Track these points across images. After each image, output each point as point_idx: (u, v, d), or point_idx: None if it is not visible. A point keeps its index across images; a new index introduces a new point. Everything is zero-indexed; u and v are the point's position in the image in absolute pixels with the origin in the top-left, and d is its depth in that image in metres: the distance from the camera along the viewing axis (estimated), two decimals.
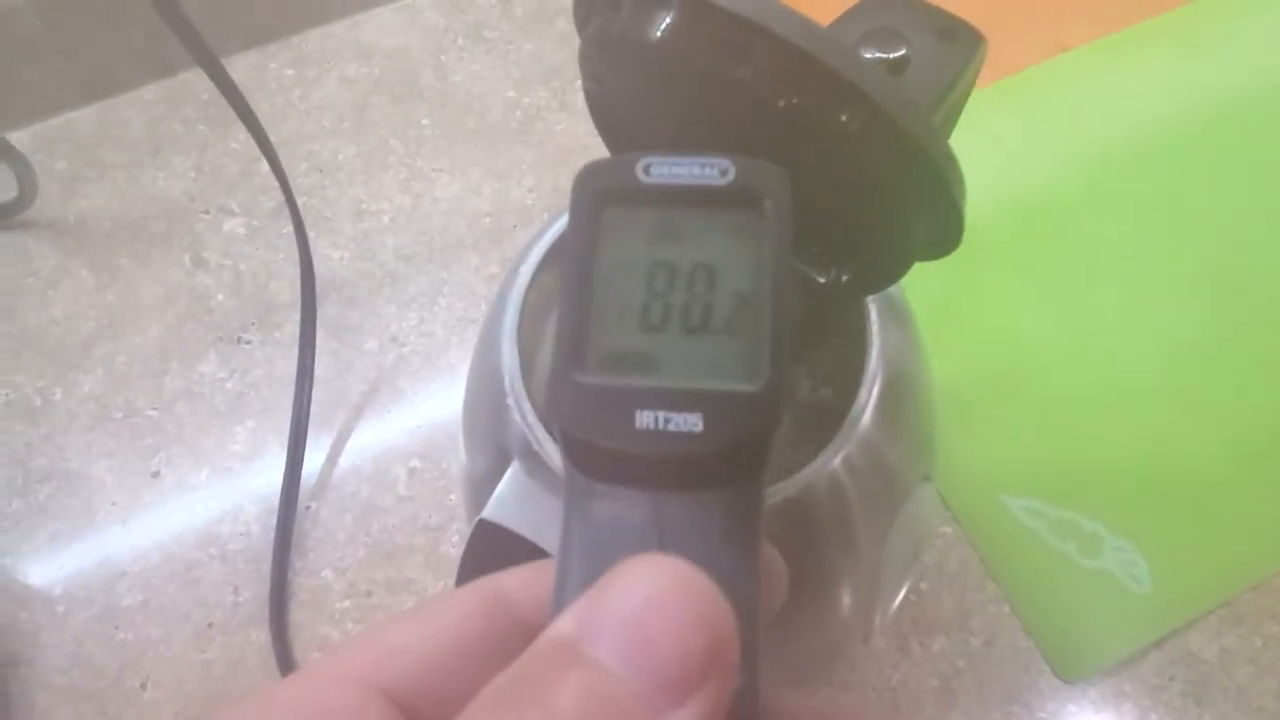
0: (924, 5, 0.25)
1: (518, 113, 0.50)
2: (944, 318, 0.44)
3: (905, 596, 0.39)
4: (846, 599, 0.23)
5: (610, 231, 0.15)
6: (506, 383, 0.21)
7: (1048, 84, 0.50)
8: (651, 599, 0.12)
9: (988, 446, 0.41)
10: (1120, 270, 0.45)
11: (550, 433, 0.21)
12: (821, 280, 0.18)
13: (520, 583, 0.16)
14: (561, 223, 0.24)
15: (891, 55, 0.22)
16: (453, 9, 0.53)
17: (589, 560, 0.14)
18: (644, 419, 0.14)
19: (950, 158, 0.18)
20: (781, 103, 0.16)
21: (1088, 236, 0.46)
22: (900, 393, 0.21)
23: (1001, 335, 0.44)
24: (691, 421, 0.14)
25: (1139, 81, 0.50)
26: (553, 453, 0.20)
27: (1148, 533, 0.39)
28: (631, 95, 0.18)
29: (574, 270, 0.15)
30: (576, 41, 0.54)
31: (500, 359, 0.21)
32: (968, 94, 0.27)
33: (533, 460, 0.21)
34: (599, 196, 0.15)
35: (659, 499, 0.15)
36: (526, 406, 0.21)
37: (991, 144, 0.49)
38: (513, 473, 0.21)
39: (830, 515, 0.20)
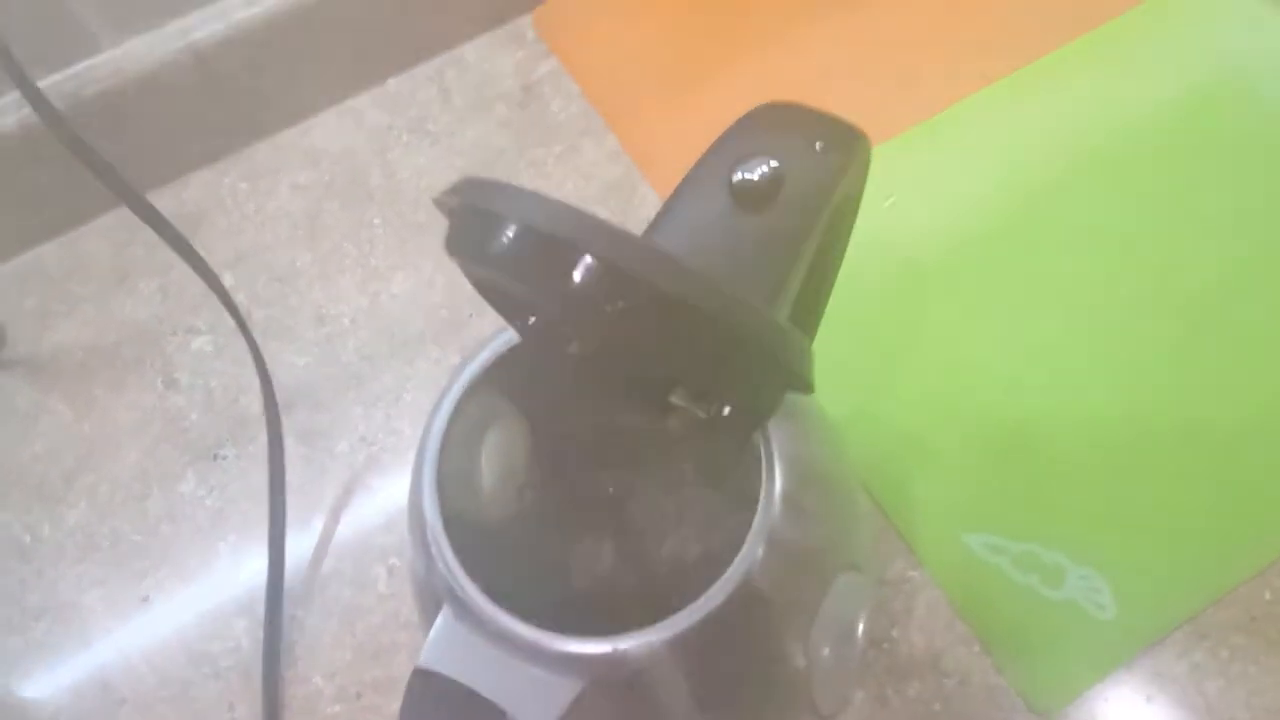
0: (800, 113, 0.26)
1: None
2: (894, 358, 0.45)
3: (879, 646, 0.40)
4: (784, 694, 0.24)
5: None
6: (428, 534, 0.22)
7: (975, 117, 0.51)
8: None
9: (945, 486, 0.42)
10: (1063, 296, 0.46)
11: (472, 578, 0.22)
12: (703, 416, 0.20)
13: None
14: (484, 358, 0.25)
15: (760, 175, 0.24)
16: (394, 107, 0.54)
17: None
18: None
19: (783, 339, 0.19)
20: (612, 308, 0.17)
21: (1028, 265, 0.47)
22: (805, 484, 0.22)
23: (953, 371, 0.45)
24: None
25: (1062, 107, 0.51)
26: (476, 596, 0.22)
27: (1108, 558, 0.40)
28: (500, 285, 0.19)
29: None
30: (516, 124, 0.54)
31: (422, 508, 0.23)
32: (860, 188, 0.29)
33: (459, 605, 0.22)
34: None
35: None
36: (449, 555, 0.22)
37: (925, 182, 0.50)
38: (443, 619, 0.22)
39: (746, 624, 0.21)
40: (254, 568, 0.43)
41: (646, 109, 0.53)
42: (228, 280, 0.44)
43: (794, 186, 0.24)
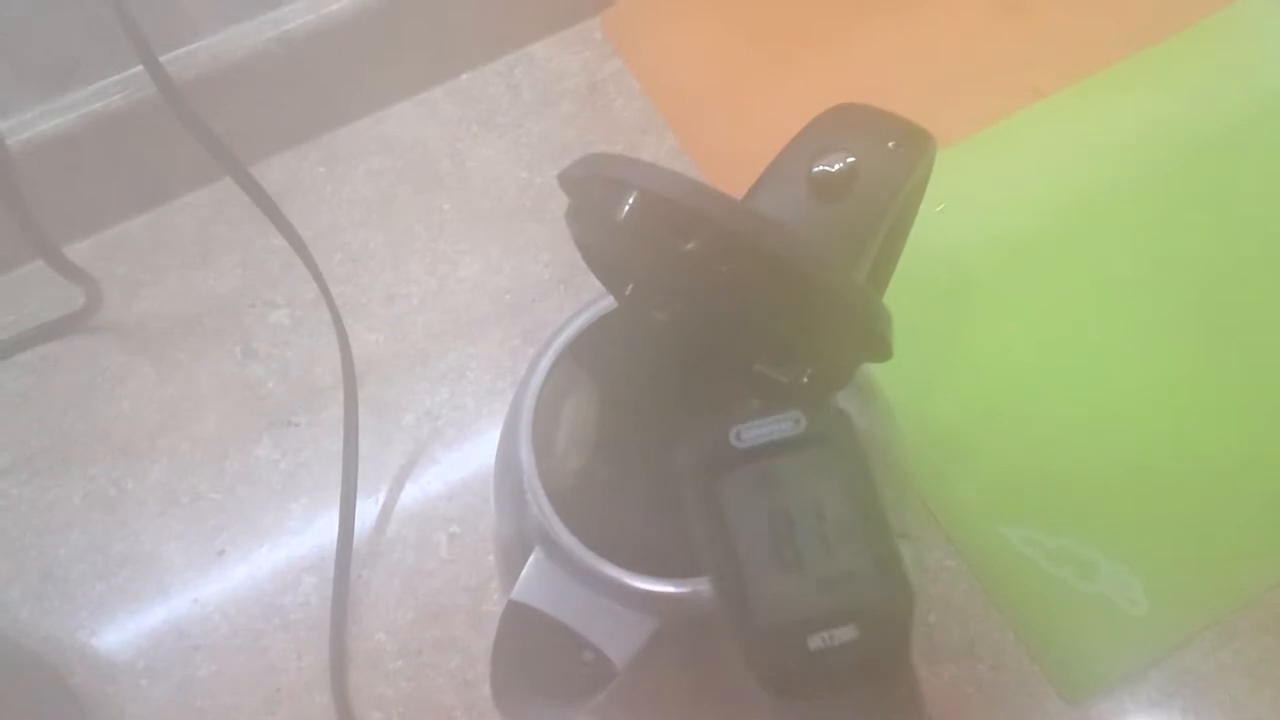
0: (874, 113, 0.28)
1: (530, 192, 0.54)
2: (940, 358, 0.47)
3: (915, 631, 0.41)
4: None
5: (728, 495, 0.19)
6: (525, 481, 0.25)
7: (1027, 130, 0.53)
8: None
9: (985, 479, 0.44)
10: (1106, 306, 0.48)
11: (567, 525, 0.24)
12: (786, 381, 0.22)
13: None
14: (576, 325, 0.27)
15: (839, 167, 0.26)
16: (465, 99, 0.57)
17: None
18: (815, 641, 0.18)
19: (870, 304, 0.21)
20: (723, 269, 0.19)
21: (1073, 273, 0.49)
22: (870, 462, 0.24)
23: (995, 372, 0.47)
24: (850, 632, 0.18)
25: (1112, 123, 0.52)
26: (567, 538, 0.24)
27: (1142, 556, 0.41)
28: (611, 253, 0.21)
29: (711, 538, 0.19)
30: (582, 121, 0.57)
31: (519, 458, 0.25)
32: (923, 188, 0.30)
33: (551, 546, 0.24)
34: (707, 469, 0.19)
35: (842, 699, 0.19)
36: (544, 501, 0.24)
37: (978, 191, 0.52)
38: (535, 557, 0.24)
39: None
40: (323, 528, 0.45)
41: (705, 111, 0.55)
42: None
43: (867, 180, 0.26)
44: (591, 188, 0.20)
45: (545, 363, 0.27)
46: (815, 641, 0.18)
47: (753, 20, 0.58)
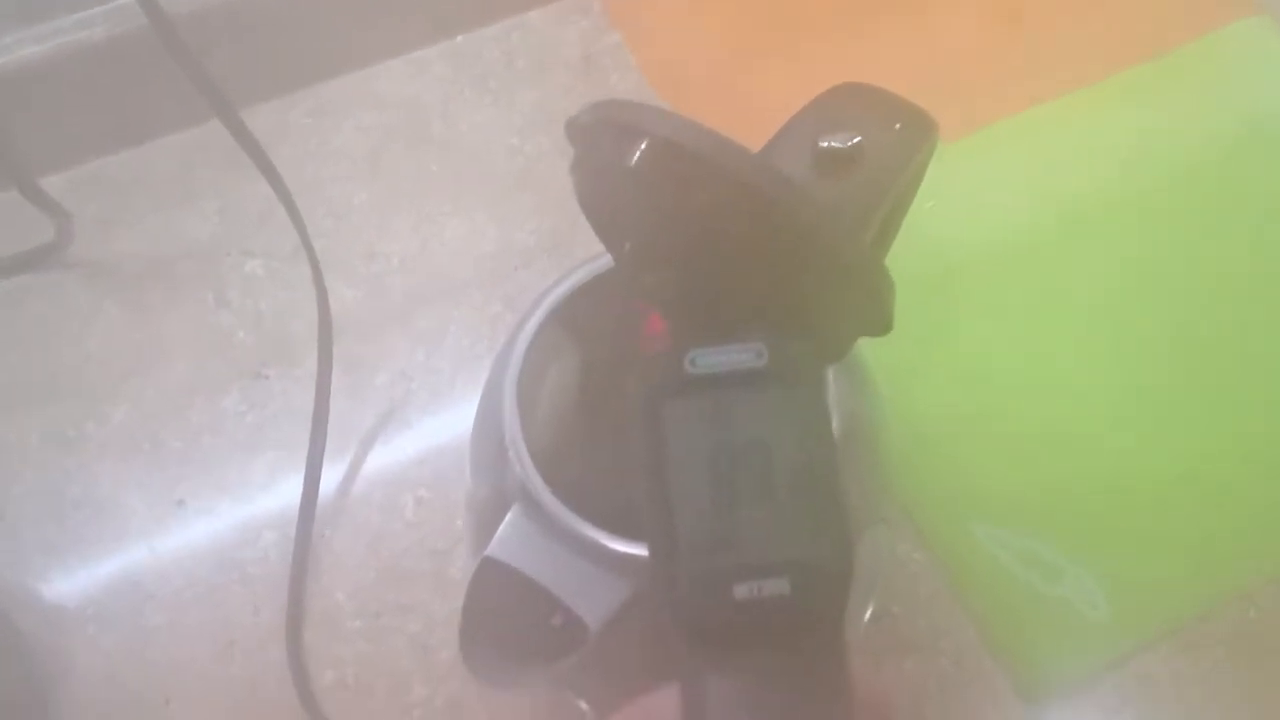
0: (883, 93, 0.28)
1: (520, 159, 0.53)
2: (924, 355, 0.47)
3: (880, 621, 0.41)
4: None
5: (670, 422, 0.18)
6: (507, 437, 0.24)
7: (1019, 136, 0.53)
8: None
9: (958, 478, 0.44)
10: (1086, 315, 0.48)
11: (551, 487, 0.24)
12: None
13: (664, 702, 0.18)
14: (564, 288, 0.27)
15: (847, 144, 0.25)
16: (459, 62, 0.56)
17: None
18: (741, 590, 0.17)
19: (877, 271, 0.21)
20: (732, 223, 0.19)
21: (1056, 281, 0.49)
22: (855, 445, 0.24)
23: (975, 372, 0.47)
24: (781, 585, 0.17)
25: (1103, 135, 0.53)
26: (547, 496, 0.23)
27: (1105, 562, 0.42)
28: (614, 206, 0.21)
29: (647, 465, 0.17)
30: (576, 92, 0.57)
31: (502, 414, 0.24)
32: (923, 172, 0.30)
33: (530, 504, 0.24)
34: (655, 392, 0.18)
35: (763, 654, 0.17)
36: (525, 456, 0.24)
37: (968, 192, 0.52)
38: (513, 515, 0.24)
39: None
40: (287, 484, 0.44)
41: (701, 92, 0.55)
42: (283, 212, 0.45)
43: (872, 160, 0.26)
44: (600, 134, 0.19)
45: (535, 319, 0.26)
46: (741, 590, 0.17)
47: (755, 7, 0.58)
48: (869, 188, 0.26)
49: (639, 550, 0.22)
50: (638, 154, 0.18)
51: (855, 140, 0.26)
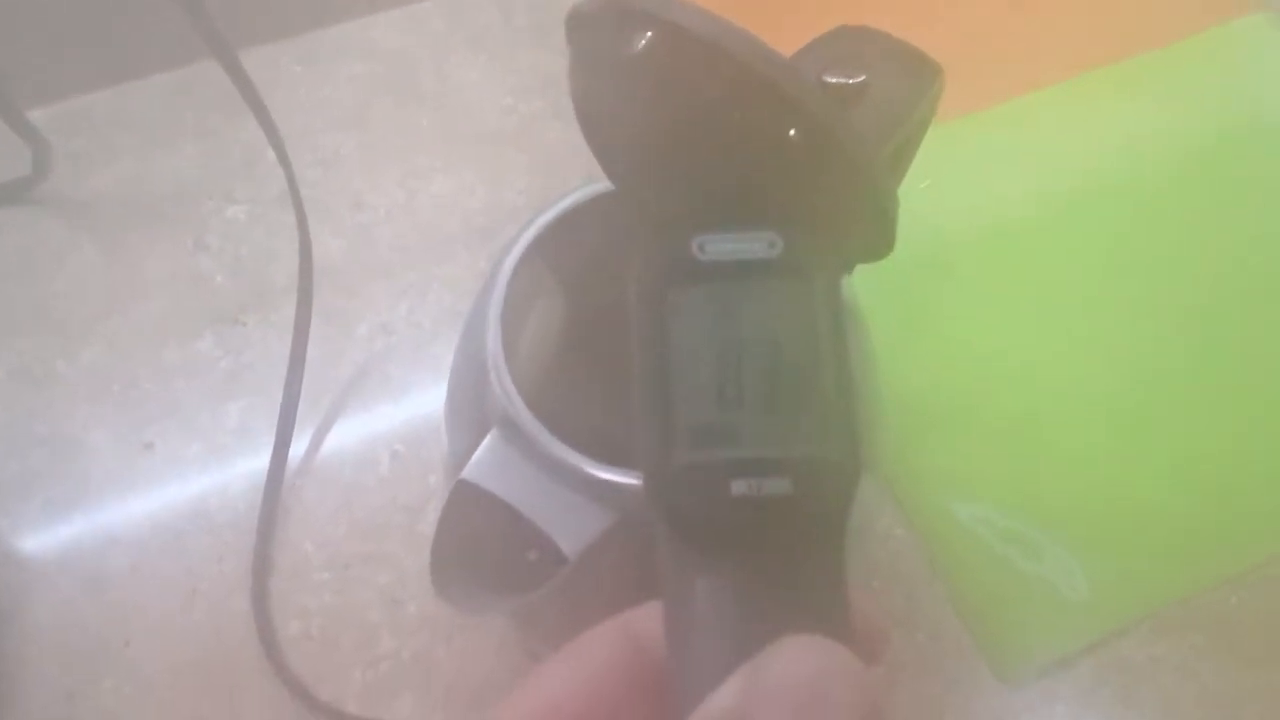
0: (886, 37, 0.28)
1: (513, 118, 0.52)
2: (912, 333, 0.47)
3: (858, 591, 0.41)
4: None
5: (675, 310, 0.16)
6: (490, 356, 0.23)
7: (1019, 119, 0.53)
8: (822, 673, 0.14)
9: (943, 456, 0.43)
10: (1076, 297, 0.48)
11: (533, 410, 0.23)
12: None
13: (644, 619, 0.17)
14: (550, 216, 0.26)
15: (852, 80, 0.25)
16: (456, 17, 0.55)
17: (713, 632, 0.16)
18: (738, 487, 0.16)
19: (886, 180, 0.20)
20: (739, 116, 0.18)
21: (1049, 264, 0.49)
22: None
23: (964, 353, 0.46)
24: (782, 485, 0.16)
25: (1104, 121, 0.53)
26: (528, 419, 0.23)
27: (1087, 544, 0.41)
28: (613, 107, 0.20)
29: (646, 350, 0.16)
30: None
31: (485, 335, 0.24)
32: (928, 121, 0.30)
33: (510, 428, 0.23)
34: (660, 276, 0.17)
35: (757, 560, 0.16)
36: (506, 378, 0.23)
37: (964, 172, 0.51)
38: (491, 439, 0.23)
39: None
40: (259, 432, 0.43)
41: None
42: (272, 155, 0.44)
43: (876, 100, 0.26)
44: (603, 26, 0.19)
45: (521, 243, 0.25)
46: (740, 486, 0.16)
47: None
48: (874, 126, 0.25)
49: (620, 477, 0.22)
50: (643, 43, 0.17)
51: (860, 78, 0.25)
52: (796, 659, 0.14)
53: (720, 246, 0.17)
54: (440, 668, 0.39)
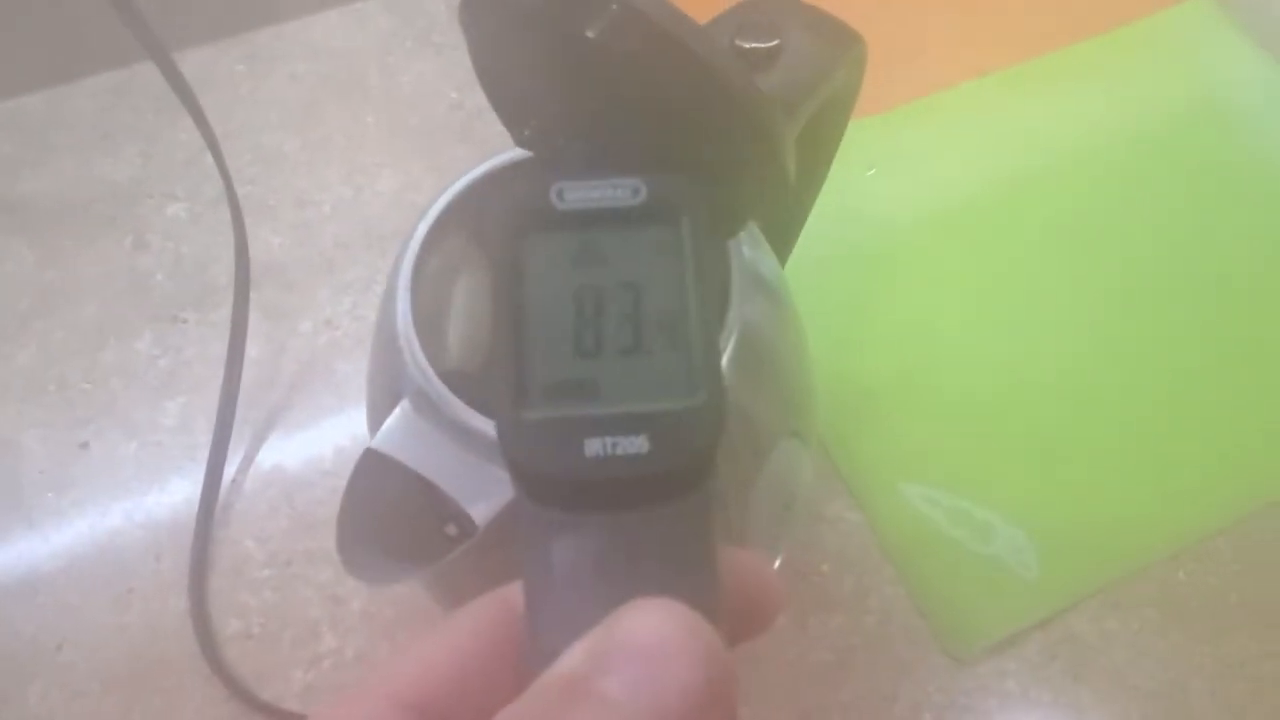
0: (804, 6, 0.28)
1: (460, 113, 0.52)
2: (860, 318, 0.46)
3: (807, 578, 0.41)
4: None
5: (533, 260, 0.16)
6: (399, 325, 0.23)
7: (966, 105, 0.53)
8: (664, 639, 0.13)
9: (891, 438, 0.43)
10: (1022, 280, 0.48)
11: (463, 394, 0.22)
12: None
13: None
14: (460, 185, 0.26)
15: (765, 45, 0.25)
16: (402, 14, 0.55)
17: (568, 594, 0.15)
18: (592, 446, 0.15)
19: (769, 108, 0.20)
20: (626, 55, 0.18)
21: (994, 249, 0.49)
22: (759, 352, 0.23)
23: (910, 336, 0.46)
24: (638, 444, 0.15)
25: (1049, 107, 0.53)
26: (437, 388, 0.22)
27: (1037, 522, 0.41)
28: (504, 52, 0.20)
29: (502, 302, 0.15)
30: None
31: (395, 307, 0.23)
32: (854, 90, 0.30)
33: (421, 398, 0.22)
34: (517, 225, 0.16)
35: (615, 521, 0.15)
36: (416, 347, 0.23)
37: (910, 159, 0.51)
38: (402, 408, 0.22)
39: None
40: (199, 430, 0.42)
41: None
42: (209, 157, 0.44)
43: (790, 63, 0.25)
44: None
45: (433, 211, 0.25)
46: (594, 446, 0.15)
47: None
48: (786, 92, 0.25)
49: None
50: None
51: (773, 42, 0.25)
52: (641, 623, 0.14)
53: (579, 194, 0.16)
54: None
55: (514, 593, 0.17)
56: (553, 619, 0.15)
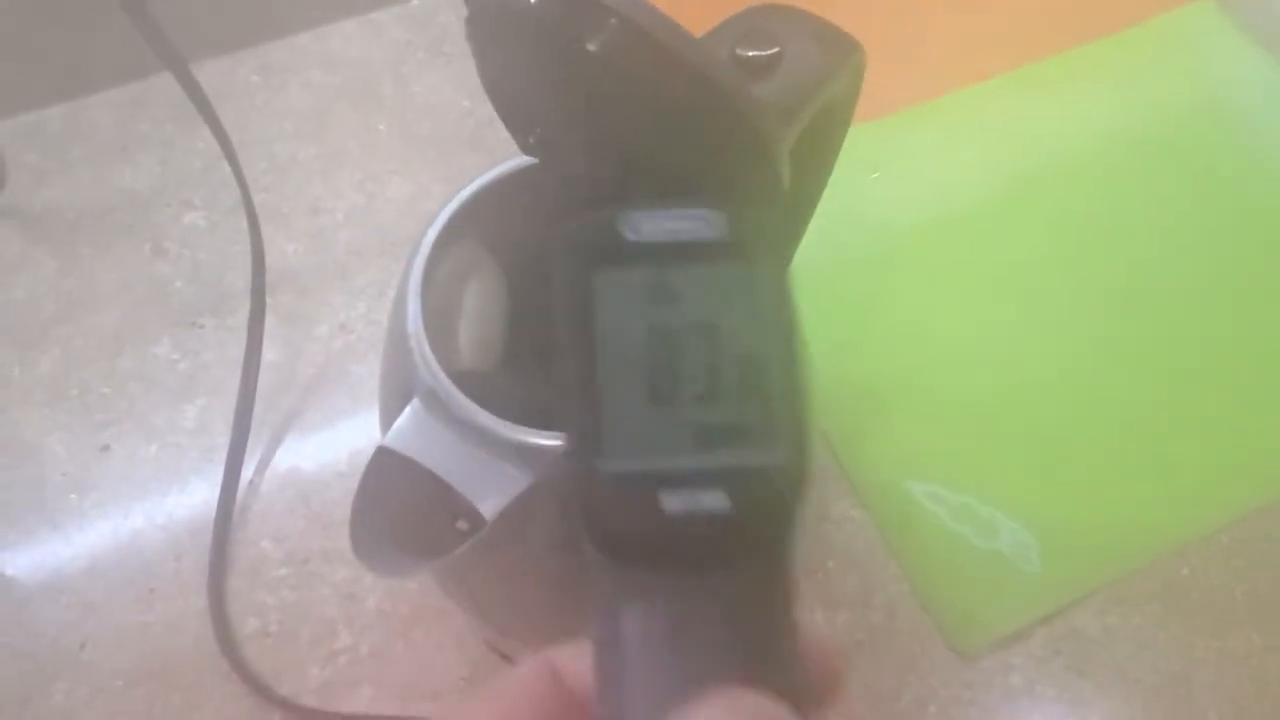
0: (803, 14, 0.28)
1: (470, 122, 0.53)
2: (862, 317, 0.47)
3: (813, 576, 0.41)
4: None
5: (604, 297, 0.14)
6: (410, 327, 0.24)
7: (969, 108, 0.54)
8: None
9: (895, 436, 0.44)
10: (1025, 282, 0.48)
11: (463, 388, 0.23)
12: None
13: (571, 659, 0.16)
14: (469, 191, 0.26)
15: (765, 52, 0.25)
16: (415, 25, 0.56)
17: (639, 664, 0.14)
18: (670, 502, 0.14)
19: (762, 114, 0.20)
20: (626, 67, 0.18)
21: (996, 251, 0.49)
22: None
23: (914, 335, 0.47)
24: (719, 500, 0.14)
25: (1051, 110, 0.53)
26: (446, 387, 0.23)
27: (1041, 519, 0.42)
28: (509, 63, 0.21)
29: (571, 341, 0.14)
30: None
31: (405, 309, 0.24)
32: (854, 96, 0.30)
33: (431, 398, 0.23)
34: (587, 259, 0.15)
35: (690, 584, 0.14)
36: (425, 347, 0.23)
37: (913, 163, 0.52)
38: (412, 407, 0.23)
39: None
40: (218, 433, 0.43)
41: None
42: (226, 165, 0.45)
43: (790, 71, 0.26)
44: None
45: (443, 215, 0.26)
46: (672, 502, 0.14)
47: None
48: (785, 98, 0.26)
49: (538, 439, 0.22)
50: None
51: (773, 50, 0.26)
52: (722, 715, 0.13)
53: (653, 225, 0.15)
54: (398, 662, 0.39)
55: (559, 657, 0.16)
56: (625, 697, 0.14)
